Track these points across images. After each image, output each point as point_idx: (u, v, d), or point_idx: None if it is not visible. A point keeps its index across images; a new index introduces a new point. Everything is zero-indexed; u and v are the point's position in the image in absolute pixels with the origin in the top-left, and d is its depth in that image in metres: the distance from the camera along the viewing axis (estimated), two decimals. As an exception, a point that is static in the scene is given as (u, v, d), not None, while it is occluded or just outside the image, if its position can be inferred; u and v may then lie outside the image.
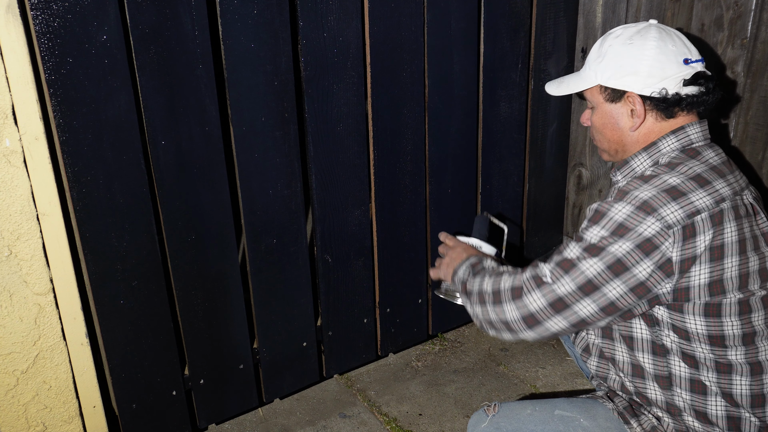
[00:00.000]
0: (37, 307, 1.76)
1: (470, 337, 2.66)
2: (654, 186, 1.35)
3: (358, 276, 2.35)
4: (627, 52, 1.47)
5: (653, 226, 1.31)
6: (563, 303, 1.36)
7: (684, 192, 1.34)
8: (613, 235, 1.33)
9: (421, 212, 2.41)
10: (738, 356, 1.40)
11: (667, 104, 1.46)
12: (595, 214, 1.39)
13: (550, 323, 1.38)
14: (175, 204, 1.91)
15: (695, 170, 1.38)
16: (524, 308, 1.39)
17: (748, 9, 2.09)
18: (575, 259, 1.36)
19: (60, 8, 1.60)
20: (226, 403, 2.22)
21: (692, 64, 1.45)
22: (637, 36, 1.48)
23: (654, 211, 1.31)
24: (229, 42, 1.86)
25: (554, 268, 1.38)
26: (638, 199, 1.34)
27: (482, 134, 2.45)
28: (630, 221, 1.32)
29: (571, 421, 1.48)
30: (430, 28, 2.20)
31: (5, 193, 1.63)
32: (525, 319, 1.39)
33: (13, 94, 1.59)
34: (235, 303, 2.11)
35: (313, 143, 2.09)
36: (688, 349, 1.42)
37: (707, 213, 1.33)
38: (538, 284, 1.38)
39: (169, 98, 1.81)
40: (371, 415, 2.27)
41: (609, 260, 1.33)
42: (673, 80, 1.44)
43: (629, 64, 1.46)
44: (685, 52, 1.46)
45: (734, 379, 1.41)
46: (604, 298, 1.34)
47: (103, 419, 1.97)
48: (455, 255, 1.67)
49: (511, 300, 1.41)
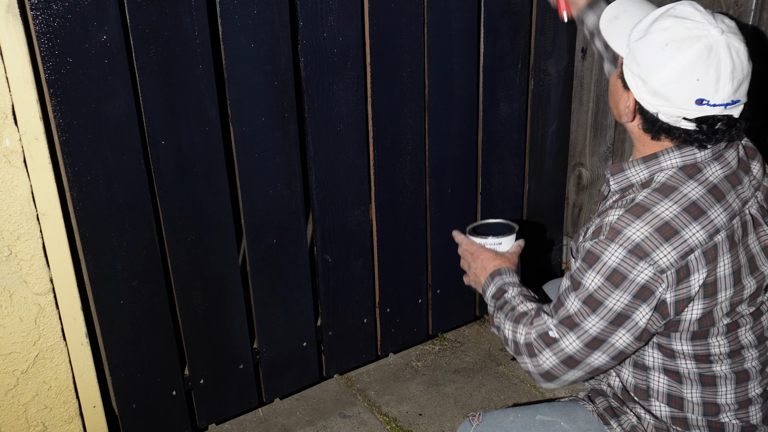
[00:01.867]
0: (37, 307, 1.76)
1: (470, 337, 2.66)
2: (646, 223, 1.29)
3: (358, 276, 2.35)
4: (653, 54, 1.30)
5: (646, 271, 1.28)
6: (574, 360, 1.37)
7: (677, 229, 1.28)
8: (608, 283, 1.31)
9: (421, 212, 2.42)
10: (724, 368, 1.40)
11: (652, 126, 1.36)
12: (589, 255, 1.34)
13: (566, 376, 1.40)
14: (175, 204, 1.91)
15: (690, 197, 1.31)
16: (539, 366, 1.40)
17: (748, 9, 2.09)
18: (576, 315, 1.35)
19: (60, 8, 1.60)
20: (226, 403, 2.22)
21: (706, 107, 1.28)
22: (675, 46, 1.27)
23: (647, 255, 1.28)
24: (229, 42, 1.86)
25: (558, 325, 1.38)
26: (630, 241, 1.29)
27: (482, 134, 2.45)
28: (623, 267, 1.29)
29: (552, 425, 1.51)
30: (430, 28, 2.20)
31: (5, 193, 1.63)
32: (542, 375, 1.42)
33: (13, 94, 1.59)
34: (235, 303, 2.11)
35: (313, 143, 2.09)
36: (672, 366, 1.42)
37: (700, 250, 1.29)
38: (546, 343, 1.39)
39: (169, 98, 1.81)
40: (371, 415, 2.27)
41: (609, 316, 1.32)
42: (672, 110, 1.31)
43: (645, 68, 1.31)
44: (707, 92, 1.27)
45: (719, 391, 1.41)
46: (612, 348, 1.35)
47: (103, 419, 1.97)
48: (478, 268, 1.62)
49: (528, 356, 1.42)
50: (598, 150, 2.64)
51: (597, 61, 2.53)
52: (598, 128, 2.61)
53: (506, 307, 1.50)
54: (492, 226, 1.78)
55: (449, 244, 2.51)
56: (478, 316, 2.75)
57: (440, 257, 2.51)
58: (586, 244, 1.37)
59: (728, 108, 1.29)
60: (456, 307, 2.64)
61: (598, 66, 2.53)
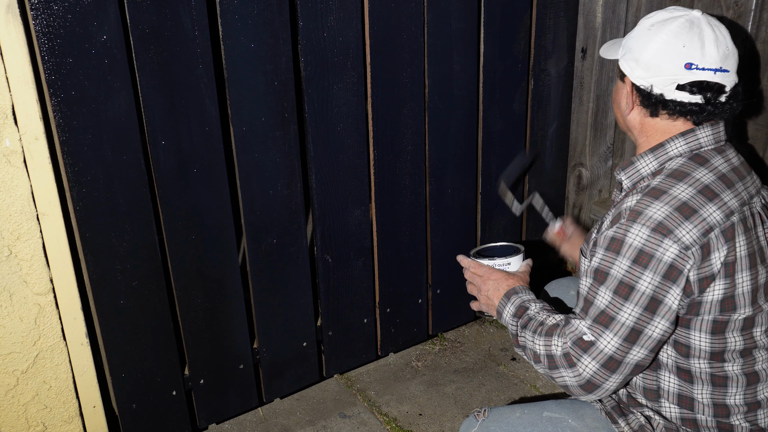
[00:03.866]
0: (37, 307, 1.76)
1: (470, 337, 2.66)
2: (665, 203, 1.32)
3: (358, 276, 2.35)
4: (641, 37, 1.41)
5: (672, 248, 1.29)
6: (615, 361, 1.34)
7: (695, 208, 1.31)
8: (636, 266, 1.31)
9: (421, 212, 2.41)
10: (735, 368, 1.39)
11: (649, 101, 1.41)
12: (613, 243, 1.34)
13: (608, 383, 1.36)
14: (175, 204, 1.91)
15: (703, 181, 1.35)
16: (580, 376, 1.36)
17: (748, 9, 2.09)
18: (609, 308, 1.33)
19: (60, 8, 1.60)
20: (226, 403, 2.22)
21: (696, 71, 1.34)
22: (659, 24, 1.40)
23: (670, 232, 1.29)
24: (229, 42, 1.86)
25: (592, 325, 1.35)
26: (652, 220, 1.31)
27: (482, 134, 2.45)
28: (648, 246, 1.30)
29: (560, 422, 1.49)
30: (430, 28, 2.20)
31: (5, 193, 1.63)
32: (583, 387, 1.37)
33: (13, 94, 1.59)
34: (235, 303, 2.11)
35: (313, 143, 2.09)
36: (684, 365, 1.41)
37: (719, 229, 1.31)
38: (583, 348, 1.35)
39: (169, 98, 1.81)
40: (371, 415, 2.27)
41: (643, 301, 1.31)
42: (665, 80, 1.37)
43: (636, 50, 1.41)
44: (695, 56, 1.34)
45: (729, 392, 1.41)
46: (650, 340, 1.33)
47: (103, 419, 1.98)
48: (491, 289, 1.58)
49: (567, 367, 1.37)
50: (598, 150, 2.65)
51: (597, 60, 2.53)
52: (598, 128, 2.61)
53: (532, 323, 1.46)
54: (495, 249, 1.74)
55: (449, 244, 2.52)
56: (478, 316, 2.75)
57: (440, 257, 2.51)
58: (608, 232, 1.37)
59: (717, 74, 1.35)
60: (456, 307, 2.64)
61: (598, 66, 2.54)
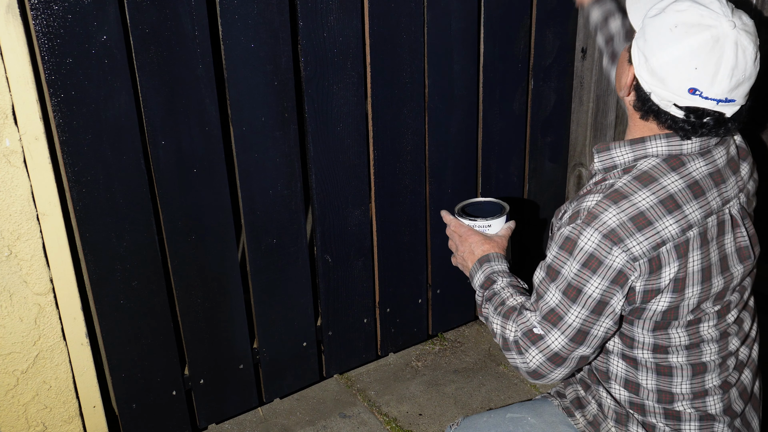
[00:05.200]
0: (37, 307, 1.76)
1: (470, 337, 2.66)
2: (622, 210, 1.30)
3: (358, 276, 2.35)
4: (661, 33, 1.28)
5: (620, 257, 1.29)
6: (560, 357, 1.38)
7: (650, 220, 1.30)
8: (585, 269, 1.32)
9: (421, 212, 2.42)
10: (680, 359, 1.41)
11: (643, 104, 1.35)
12: (567, 242, 1.34)
13: (554, 375, 1.41)
14: (175, 204, 1.91)
15: (668, 190, 1.32)
16: (526, 365, 1.41)
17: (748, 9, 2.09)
18: (558, 308, 1.36)
19: (60, 8, 1.60)
20: (226, 403, 2.22)
21: (698, 98, 1.27)
22: (684, 30, 1.26)
23: (621, 241, 1.29)
24: (229, 42, 1.86)
25: (542, 321, 1.38)
26: (606, 226, 1.30)
27: (482, 134, 2.45)
28: (598, 252, 1.30)
29: (520, 421, 1.56)
30: (430, 28, 2.20)
31: (5, 193, 1.63)
32: (530, 374, 1.42)
33: (13, 94, 1.59)
34: (235, 303, 2.11)
35: (313, 143, 2.09)
36: (629, 353, 1.44)
37: (672, 244, 1.30)
38: (532, 341, 1.39)
39: (169, 98, 1.81)
40: (371, 415, 2.27)
41: (590, 304, 1.33)
42: (665, 95, 1.30)
43: (650, 46, 1.30)
44: (702, 84, 1.25)
45: (674, 381, 1.42)
46: (595, 339, 1.37)
47: (103, 419, 1.98)
48: (466, 252, 1.60)
49: (516, 353, 1.42)
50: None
51: (597, 60, 2.53)
52: (598, 128, 2.61)
53: (495, 299, 1.49)
54: (482, 205, 1.71)
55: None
56: (477, 316, 2.75)
57: (440, 257, 2.51)
58: (564, 230, 1.36)
59: (720, 105, 1.28)
60: (456, 307, 2.64)
61: (598, 66, 2.53)
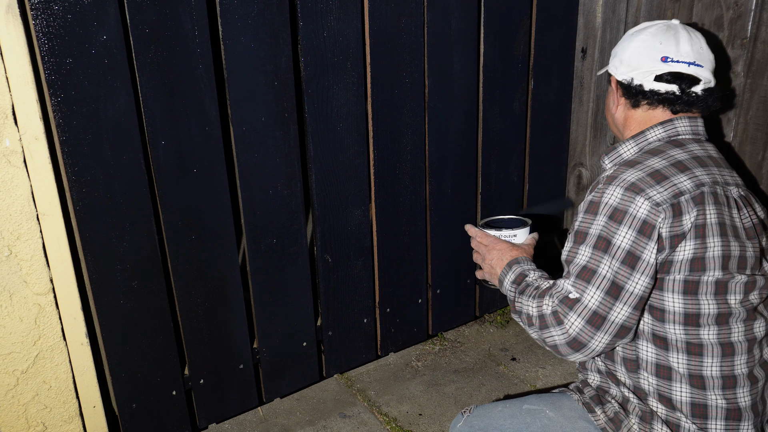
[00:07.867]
0: (37, 307, 1.76)
1: (470, 337, 2.66)
2: (638, 170, 1.43)
3: (358, 276, 2.35)
4: (624, 42, 1.61)
5: (644, 205, 1.38)
6: (599, 316, 1.39)
7: (666, 176, 1.41)
8: (612, 222, 1.40)
9: (421, 212, 2.42)
10: (710, 336, 1.42)
11: (630, 92, 1.56)
12: (591, 205, 1.45)
13: (594, 342, 1.41)
14: (175, 204, 1.91)
15: (677, 157, 1.46)
16: (567, 334, 1.42)
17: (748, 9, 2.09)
18: (590, 263, 1.41)
19: (60, 8, 1.60)
20: (226, 403, 2.22)
21: (671, 63, 1.51)
22: (639, 29, 1.60)
23: (642, 191, 1.39)
24: (229, 42, 1.86)
25: (575, 282, 1.42)
26: (626, 181, 1.41)
27: (482, 134, 2.45)
28: (623, 203, 1.39)
29: (538, 413, 1.57)
30: (430, 28, 2.20)
31: (5, 193, 1.63)
32: (570, 344, 1.42)
33: (13, 94, 1.59)
34: (235, 303, 2.11)
35: (313, 143, 2.09)
36: (660, 331, 1.45)
37: (689, 195, 1.40)
38: (569, 306, 1.41)
39: (169, 98, 1.81)
40: (371, 415, 2.27)
41: (620, 254, 1.38)
42: (644, 73, 1.54)
43: (619, 51, 1.61)
44: (670, 52, 1.52)
45: (705, 361, 1.43)
46: (631, 297, 1.39)
47: (103, 419, 1.98)
48: (495, 258, 1.66)
49: (555, 324, 1.43)
50: (598, 150, 2.64)
51: (597, 60, 2.53)
52: (598, 128, 2.61)
53: (529, 289, 1.53)
54: (504, 221, 1.79)
55: (449, 244, 2.52)
56: (477, 316, 2.75)
57: (440, 257, 2.51)
58: (587, 197, 1.48)
59: (691, 67, 1.52)
60: (456, 307, 2.64)
61: (598, 66, 2.54)
